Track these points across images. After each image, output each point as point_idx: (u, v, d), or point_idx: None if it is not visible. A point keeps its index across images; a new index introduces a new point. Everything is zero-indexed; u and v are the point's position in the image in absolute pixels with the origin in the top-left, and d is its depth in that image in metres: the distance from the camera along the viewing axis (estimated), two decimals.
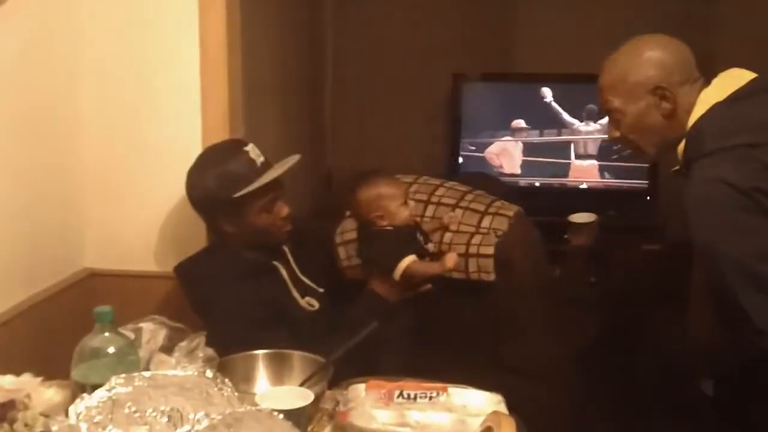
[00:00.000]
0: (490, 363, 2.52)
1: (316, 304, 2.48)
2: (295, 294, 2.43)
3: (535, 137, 4.56)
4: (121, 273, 2.74)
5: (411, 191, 2.80)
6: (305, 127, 4.28)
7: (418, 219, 2.68)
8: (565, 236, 3.13)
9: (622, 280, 3.33)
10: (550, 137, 4.51)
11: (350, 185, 2.61)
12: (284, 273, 2.44)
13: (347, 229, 2.83)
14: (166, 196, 2.66)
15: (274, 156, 2.49)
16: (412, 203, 2.59)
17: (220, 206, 2.37)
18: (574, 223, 3.11)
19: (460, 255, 2.74)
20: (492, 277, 2.75)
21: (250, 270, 2.37)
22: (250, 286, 2.33)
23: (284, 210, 2.40)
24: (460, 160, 4.60)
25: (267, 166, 2.37)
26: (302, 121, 4.21)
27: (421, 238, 2.65)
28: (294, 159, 2.41)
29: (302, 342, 2.15)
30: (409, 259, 2.44)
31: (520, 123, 4.54)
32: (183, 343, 1.91)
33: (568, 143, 4.49)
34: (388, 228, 2.57)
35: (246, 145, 2.37)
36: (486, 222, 2.83)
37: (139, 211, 2.73)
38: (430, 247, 2.65)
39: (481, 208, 2.87)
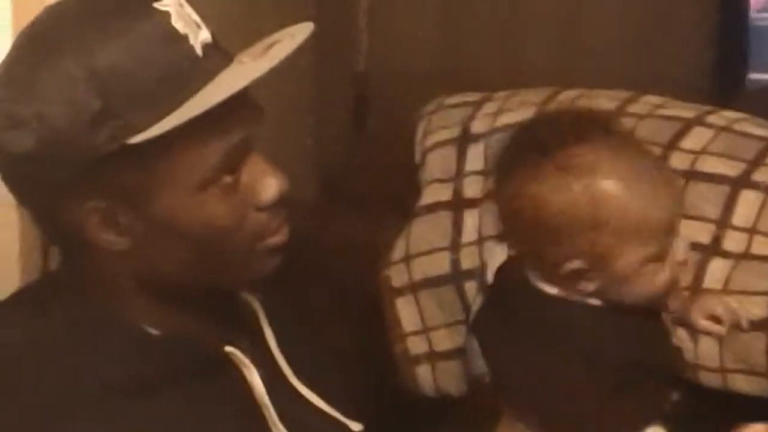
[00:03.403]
0: None
1: None
2: None
3: None
4: None
5: None
6: None
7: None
8: None
9: None
10: None
11: (511, 160, 1.30)
12: (255, 379, 1.24)
13: (425, 247, 1.62)
14: None
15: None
16: (682, 248, 1.27)
17: (84, 173, 1.18)
18: None
19: (753, 325, 1.39)
20: None
21: (157, 369, 1.20)
22: (159, 419, 1.18)
23: (269, 184, 1.21)
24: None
25: (218, 57, 1.21)
26: None
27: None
28: (298, 34, 1.22)
29: None
30: None
31: None
32: None
33: None
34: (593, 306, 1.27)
35: None
36: None
37: None
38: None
39: None
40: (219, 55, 1.21)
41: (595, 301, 1.30)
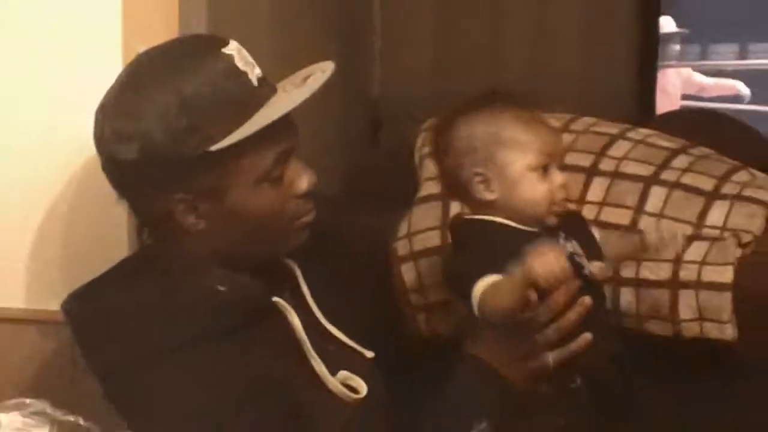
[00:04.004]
0: None
1: (363, 387, 1.54)
2: (319, 365, 1.51)
3: None
4: None
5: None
6: (331, 23, 2.91)
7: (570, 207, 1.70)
8: None
9: None
10: None
11: (448, 117, 1.69)
12: (295, 320, 1.51)
13: (422, 226, 1.88)
14: (40, 168, 1.80)
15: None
16: (561, 176, 1.62)
17: (174, 173, 1.45)
18: None
19: (660, 283, 1.72)
20: (729, 332, 1.73)
21: (226, 317, 1.45)
22: (227, 354, 1.43)
23: (303, 179, 1.52)
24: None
25: (267, 87, 1.49)
26: (325, 14, 2.88)
27: (568, 247, 1.60)
28: (327, 69, 1.52)
29: None
30: (489, 281, 1.47)
31: None
32: None
33: None
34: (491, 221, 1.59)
35: (226, 44, 1.48)
36: (716, 215, 1.79)
37: None
38: (594, 268, 1.60)
39: (707, 185, 1.84)
40: (268, 86, 1.48)
41: (500, 219, 1.58)
